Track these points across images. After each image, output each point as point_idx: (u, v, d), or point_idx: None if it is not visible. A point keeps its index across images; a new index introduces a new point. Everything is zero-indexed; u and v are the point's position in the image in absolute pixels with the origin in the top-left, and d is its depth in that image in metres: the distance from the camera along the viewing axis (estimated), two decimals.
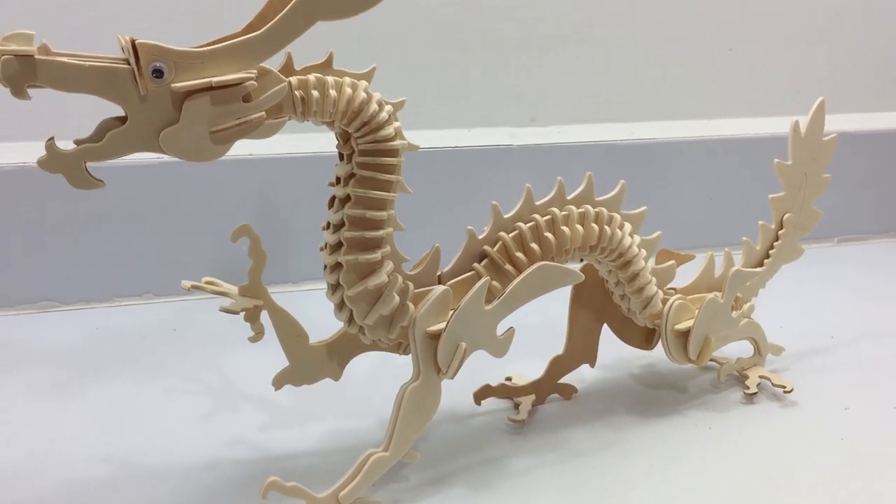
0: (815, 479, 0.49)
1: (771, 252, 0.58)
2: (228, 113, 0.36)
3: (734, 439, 0.53)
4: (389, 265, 0.42)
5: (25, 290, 0.71)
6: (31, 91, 0.33)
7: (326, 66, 0.39)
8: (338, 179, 0.42)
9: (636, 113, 0.85)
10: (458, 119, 0.79)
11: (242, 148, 0.32)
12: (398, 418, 0.43)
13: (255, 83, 0.36)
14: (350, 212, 0.41)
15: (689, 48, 0.84)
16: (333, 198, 0.42)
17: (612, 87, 0.83)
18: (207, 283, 0.46)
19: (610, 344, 0.57)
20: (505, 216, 0.47)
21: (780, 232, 0.58)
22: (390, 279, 0.42)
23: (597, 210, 0.48)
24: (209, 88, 0.35)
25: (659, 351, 0.56)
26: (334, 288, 0.43)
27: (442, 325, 0.43)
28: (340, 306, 0.43)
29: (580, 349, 0.57)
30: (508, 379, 0.58)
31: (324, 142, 0.73)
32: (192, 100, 0.35)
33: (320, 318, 0.49)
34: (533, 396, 0.56)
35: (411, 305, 0.43)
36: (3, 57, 0.32)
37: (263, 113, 0.37)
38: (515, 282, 0.45)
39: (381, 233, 0.41)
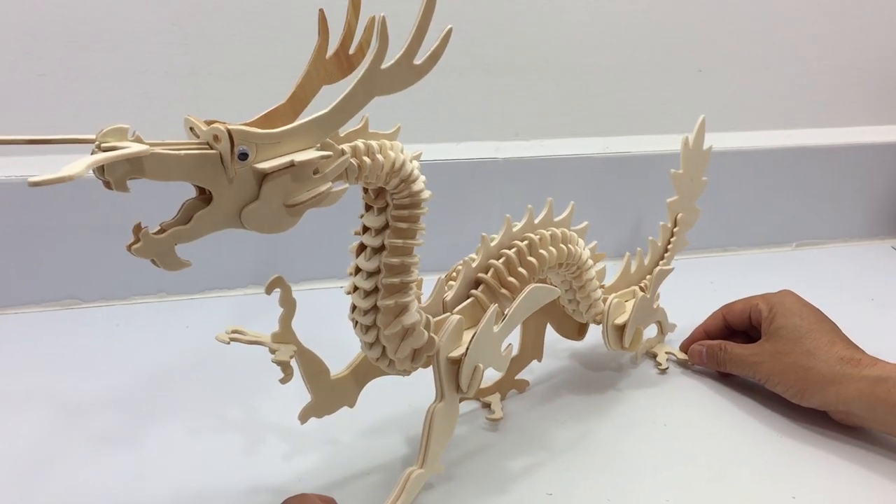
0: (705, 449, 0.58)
1: (669, 247, 0.69)
2: (302, 187, 0.38)
3: (650, 408, 0.63)
4: (416, 303, 0.47)
5: (51, 289, 0.78)
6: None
7: (363, 131, 0.43)
8: (365, 229, 0.45)
9: (611, 128, 0.91)
10: (448, 134, 0.84)
11: None
12: (429, 437, 0.48)
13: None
14: (388, 260, 0.44)
15: (661, 70, 0.90)
16: (362, 246, 0.46)
17: (589, 104, 0.89)
18: (234, 331, 0.48)
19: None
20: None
21: (674, 229, 0.69)
22: (421, 317, 0.47)
23: (561, 231, 0.56)
24: (289, 167, 0.37)
25: (587, 340, 0.66)
26: (368, 328, 0.46)
27: (460, 351, 0.49)
28: (373, 344, 0.47)
29: (530, 348, 0.64)
30: None
31: None
32: (273, 178, 0.37)
33: (316, 316, 0.53)
34: (498, 395, 0.62)
35: (434, 336, 0.48)
36: (113, 160, 0.32)
37: (331, 183, 0.40)
38: (514, 304, 0.51)
39: (413, 276, 0.46)
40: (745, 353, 0.63)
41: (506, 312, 0.51)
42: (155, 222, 0.78)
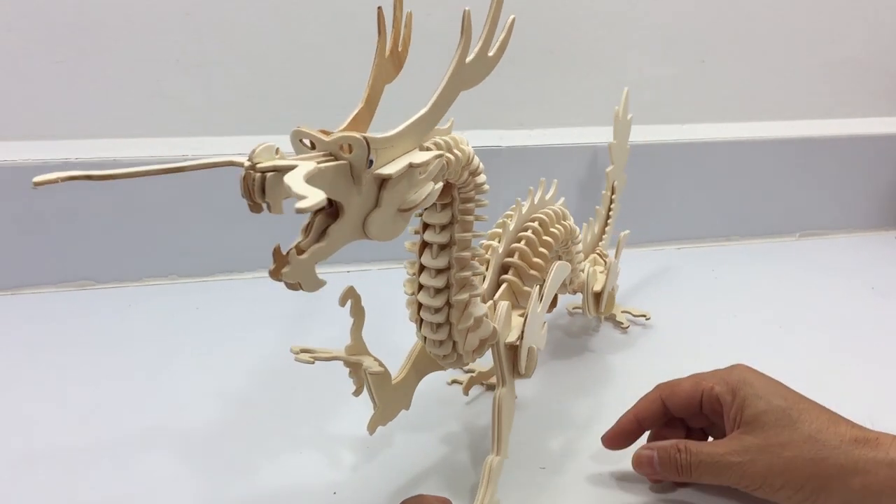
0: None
1: (610, 213, 0.74)
2: (413, 189, 0.38)
3: (633, 378, 0.64)
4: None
5: (66, 270, 0.81)
6: None
7: None
8: (425, 226, 0.45)
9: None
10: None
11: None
12: (500, 422, 0.49)
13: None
14: (459, 255, 0.44)
15: (664, 60, 0.91)
16: (424, 243, 0.45)
17: (592, 94, 0.89)
18: (304, 351, 0.45)
19: None
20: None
21: (612, 196, 0.74)
22: (485, 307, 0.47)
23: (560, 209, 0.58)
24: (407, 169, 0.37)
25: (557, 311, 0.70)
26: (439, 326, 0.46)
27: (515, 335, 0.50)
28: (443, 341, 0.46)
29: None
30: (471, 371, 0.65)
31: None
32: (393, 183, 0.36)
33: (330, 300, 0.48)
34: None
35: (496, 325, 0.49)
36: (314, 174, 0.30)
37: (433, 182, 0.39)
38: (547, 283, 0.53)
39: (479, 268, 0.46)
40: (721, 451, 0.47)
41: (542, 292, 0.53)
42: (162, 210, 0.75)
